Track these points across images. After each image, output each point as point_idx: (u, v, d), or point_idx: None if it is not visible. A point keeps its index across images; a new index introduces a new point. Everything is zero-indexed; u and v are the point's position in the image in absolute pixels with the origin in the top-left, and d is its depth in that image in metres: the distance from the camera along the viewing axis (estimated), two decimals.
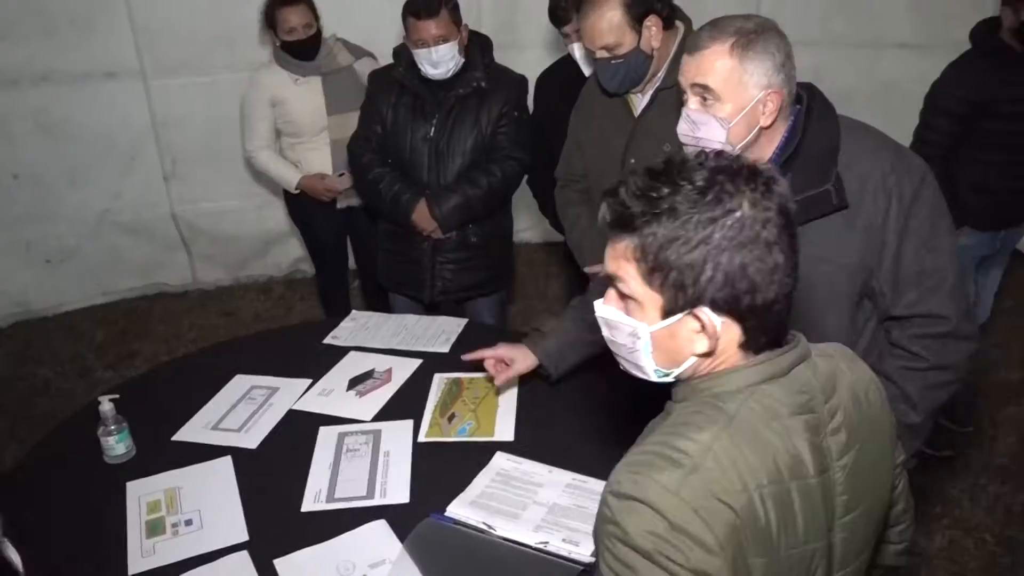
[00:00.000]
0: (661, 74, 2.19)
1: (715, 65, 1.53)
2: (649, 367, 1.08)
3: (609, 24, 2.09)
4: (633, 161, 2.24)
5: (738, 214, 0.97)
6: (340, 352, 2.41)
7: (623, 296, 1.06)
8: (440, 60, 2.61)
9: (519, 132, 2.75)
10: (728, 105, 1.54)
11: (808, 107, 1.63)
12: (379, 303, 3.31)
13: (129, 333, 4.33)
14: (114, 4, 3.83)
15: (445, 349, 2.41)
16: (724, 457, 0.98)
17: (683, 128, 1.60)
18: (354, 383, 2.26)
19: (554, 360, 2.09)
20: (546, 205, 2.98)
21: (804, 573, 1.05)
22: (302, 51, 3.19)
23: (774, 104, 1.55)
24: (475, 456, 1.94)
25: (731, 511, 0.96)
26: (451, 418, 2.09)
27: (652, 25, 2.12)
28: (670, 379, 1.09)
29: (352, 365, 2.35)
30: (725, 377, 1.04)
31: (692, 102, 1.58)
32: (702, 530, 0.94)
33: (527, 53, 3.97)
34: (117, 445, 1.96)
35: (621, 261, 1.04)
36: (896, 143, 1.66)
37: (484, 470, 1.88)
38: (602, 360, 2.46)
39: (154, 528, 1.76)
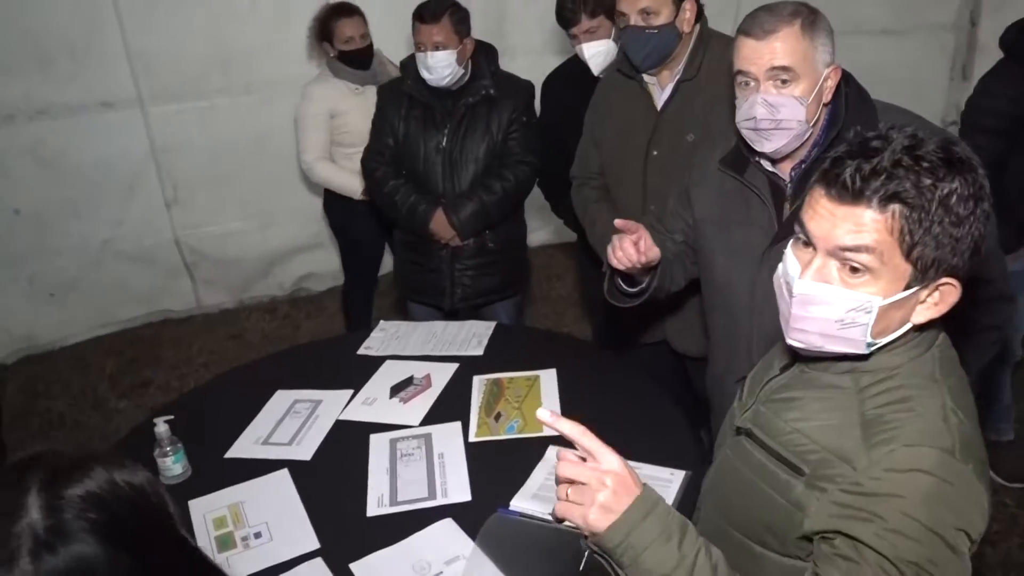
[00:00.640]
0: (681, 65, 2.25)
1: (792, 46, 1.59)
2: (864, 340, 1.10)
3: None
4: (656, 153, 2.30)
5: (978, 185, 1.04)
6: (376, 362, 2.45)
7: (855, 268, 1.07)
8: (434, 66, 2.65)
9: (529, 137, 2.81)
10: (804, 83, 1.60)
11: (845, 91, 1.70)
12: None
13: (138, 361, 4.32)
14: (109, 32, 3.83)
15: (479, 352, 2.45)
16: (961, 414, 1.10)
17: (761, 113, 1.63)
18: (396, 390, 2.30)
19: (666, 267, 1.96)
20: (559, 206, 3.03)
21: None
22: (359, 61, 3.27)
23: (834, 80, 1.63)
24: (527, 451, 1.98)
25: (984, 467, 1.10)
26: (497, 417, 2.13)
27: (689, 8, 2.20)
28: (875, 348, 1.12)
29: (390, 373, 2.39)
30: (911, 346, 1.14)
31: (767, 87, 1.63)
32: (979, 494, 1.06)
33: (519, 59, 4.02)
34: (174, 465, 1.98)
35: (875, 232, 1.04)
36: (926, 121, 1.73)
37: (540, 464, 1.93)
38: (641, 354, 2.53)
39: (224, 543, 1.79)
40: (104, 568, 0.77)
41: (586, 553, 1.14)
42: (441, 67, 2.65)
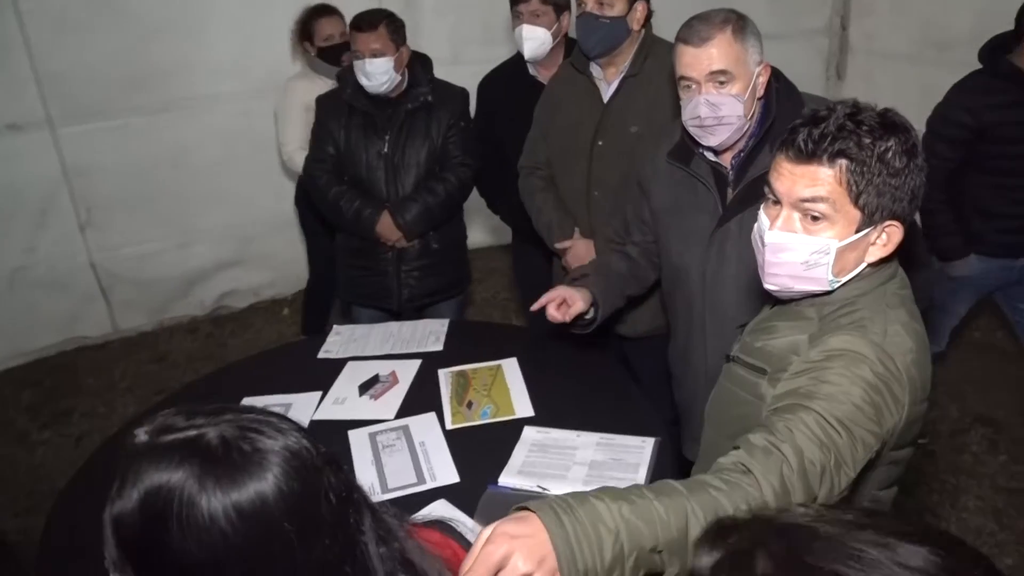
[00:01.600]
0: (627, 62, 2.42)
1: (726, 51, 1.78)
2: (826, 278, 1.32)
3: None
4: (601, 143, 2.46)
5: (911, 144, 1.25)
6: (338, 364, 2.49)
7: (815, 217, 1.28)
8: (372, 72, 2.73)
9: (467, 140, 2.91)
10: (740, 83, 1.79)
11: (775, 85, 1.90)
12: None
13: (57, 390, 4.16)
14: (15, 54, 3.70)
15: (439, 347, 2.54)
16: (894, 327, 1.30)
17: (704, 112, 1.81)
18: (364, 388, 2.35)
19: (600, 297, 2.11)
20: (495, 202, 3.16)
21: (922, 421, 1.38)
22: (339, 57, 3.38)
23: (765, 76, 1.83)
24: (504, 434, 2.09)
25: (906, 365, 1.28)
26: (469, 405, 2.23)
27: (640, 10, 2.38)
28: (836, 286, 1.34)
29: (355, 373, 2.44)
30: (859, 283, 1.34)
31: (708, 88, 1.80)
32: (898, 374, 1.28)
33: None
34: None
35: (826, 184, 1.27)
36: None
37: (519, 444, 2.04)
38: (589, 333, 2.68)
39: None
40: (309, 456, 0.88)
41: None
42: (379, 74, 2.72)
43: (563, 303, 2.05)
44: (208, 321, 4.70)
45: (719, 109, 1.81)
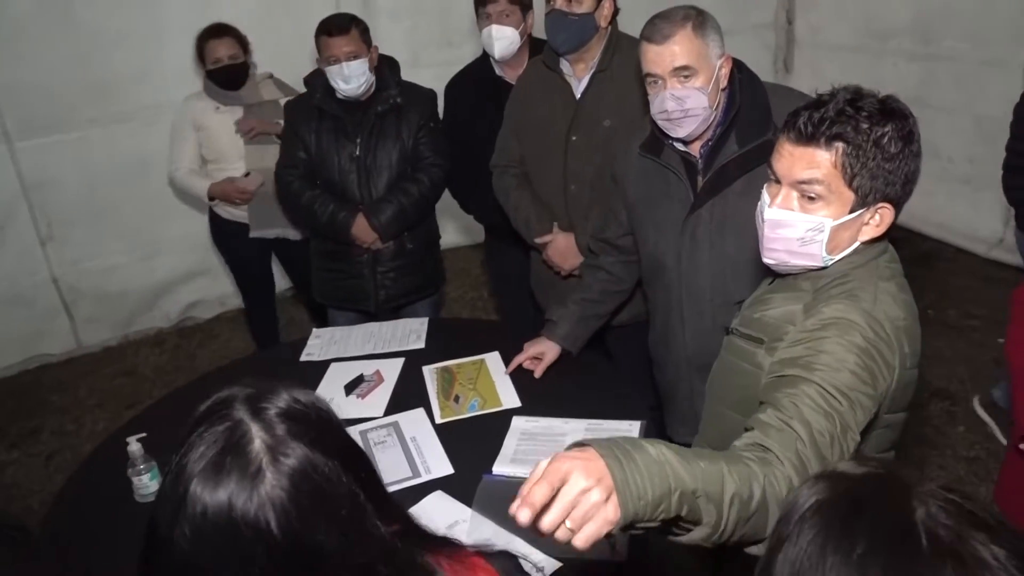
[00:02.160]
0: (596, 58, 2.49)
1: (687, 47, 1.85)
2: (820, 254, 1.40)
3: None
4: (575, 139, 2.52)
5: (908, 131, 1.31)
6: (321, 366, 2.51)
7: (811, 197, 1.36)
8: (352, 75, 2.76)
9: (437, 141, 2.95)
10: (702, 76, 1.87)
11: (738, 76, 1.98)
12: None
13: (22, 410, 4.08)
14: None
15: (421, 345, 2.57)
16: (883, 298, 1.37)
17: (671, 106, 1.89)
18: (350, 388, 2.38)
19: (570, 340, 2.35)
20: (468, 202, 3.20)
21: (914, 387, 1.46)
22: (226, 80, 3.32)
23: (727, 68, 1.91)
24: (494, 425, 2.13)
25: (896, 331, 1.35)
26: (456, 399, 2.27)
27: (607, 7, 2.45)
28: (831, 263, 1.42)
29: (339, 375, 2.46)
30: (852, 258, 1.41)
31: (673, 83, 1.88)
32: (888, 340, 1.34)
33: None
34: (151, 483, 1.98)
35: (824, 166, 1.34)
36: (806, 95, 2.03)
37: (509, 433, 2.08)
38: None
39: None
40: (325, 468, 0.89)
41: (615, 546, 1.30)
42: (358, 75, 2.75)
43: (535, 359, 2.33)
44: (175, 333, 4.65)
45: (684, 102, 1.89)
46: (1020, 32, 4.20)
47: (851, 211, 1.37)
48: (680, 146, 2.02)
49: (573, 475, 1.00)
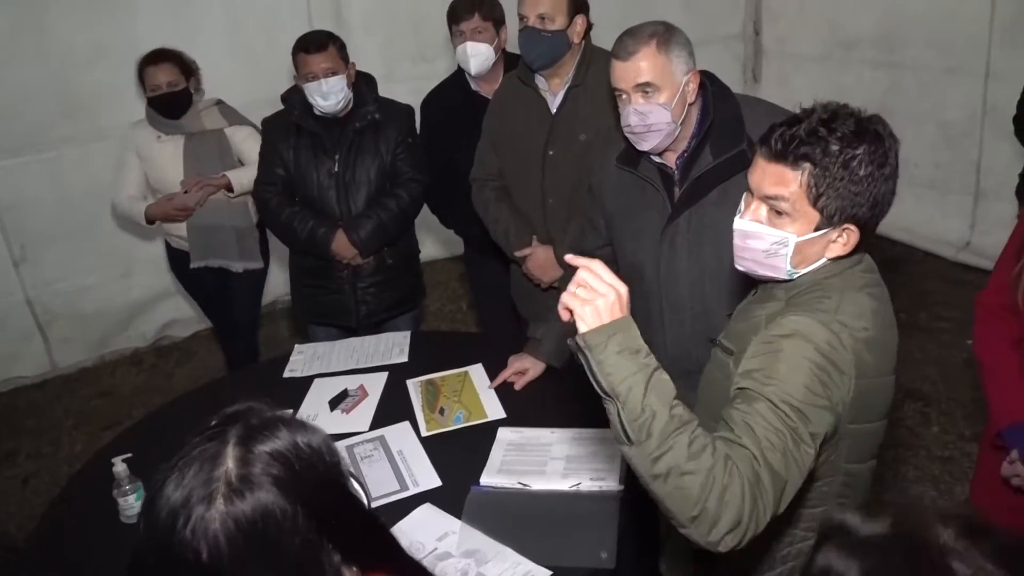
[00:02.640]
0: (571, 73, 2.53)
1: (650, 63, 1.89)
2: (785, 267, 1.43)
3: None
4: (552, 153, 2.56)
5: (882, 154, 1.33)
6: (304, 382, 2.52)
7: (778, 212, 1.38)
8: (330, 91, 2.77)
9: (416, 156, 2.97)
10: (666, 92, 1.91)
11: (711, 89, 2.02)
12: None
13: None
14: None
15: (404, 359, 2.58)
16: (849, 309, 1.38)
17: (634, 120, 1.93)
18: (335, 404, 2.38)
19: (554, 356, 2.37)
20: (447, 216, 3.22)
21: (890, 396, 1.48)
22: (165, 108, 3.20)
23: (695, 83, 1.95)
24: (479, 436, 2.15)
25: (858, 343, 1.36)
26: (441, 412, 2.28)
27: (580, 23, 2.50)
28: (795, 276, 1.44)
29: (323, 390, 2.46)
30: (826, 267, 1.43)
31: (636, 99, 1.92)
32: (841, 351, 1.34)
33: None
34: (136, 504, 1.97)
35: (790, 185, 1.36)
36: (780, 107, 2.08)
37: (495, 445, 2.10)
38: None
39: None
40: (282, 517, 0.88)
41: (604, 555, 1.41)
42: (336, 91, 2.77)
43: (518, 373, 2.37)
44: (151, 352, 4.62)
45: (647, 117, 1.93)
46: (981, 40, 4.32)
47: (816, 229, 1.39)
48: (656, 158, 2.06)
49: (613, 293, 1.25)
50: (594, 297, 1.24)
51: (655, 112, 1.91)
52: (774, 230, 1.41)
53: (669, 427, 1.21)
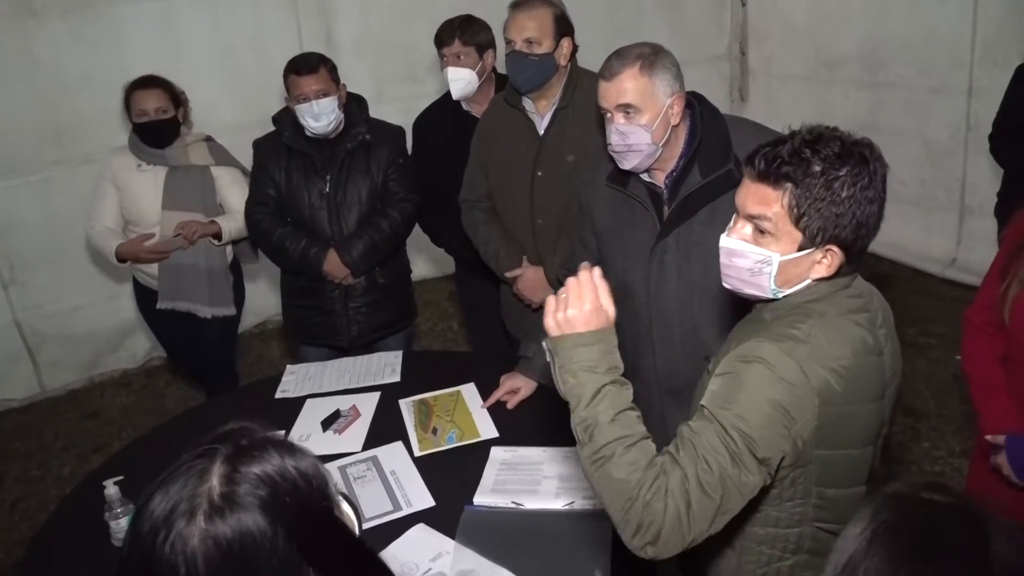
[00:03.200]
0: (558, 95, 2.56)
1: (632, 85, 1.92)
2: (768, 286, 1.43)
3: (539, 22, 2.48)
4: (540, 174, 2.58)
5: (869, 178, 1.34)
6: (296, 403, 2.51)
7: (762, 231, 1.39)
8: (321, 112, 2.79)
9: (407, 177, 2.99)
10: (647, 114, 1.93)
11: (699, 110, 2.05)
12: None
13: None
14: None
15: (396, 378, 2.59)
16: (821, 337, 1.38)
17: (615, 140, 1.96)
18: (327, 424, 2.38)
19: (547, 375, 2.31)
20: (438, 235, 3.23)
21: (875, 422, 1.48)
22: (152, 136, 3.09)
23: (679, 106, 1.97)
24: (472, 456, 2.15)
25: (826, 371, 1.36)
26: (434, 431, 2.28)
27: (566, 46, 2.53)
28: (780, 296, 1.45)
29: (315, 411, 2.46)
30: (812, 289, 1.43)
31: (618, 118, 1.95)
32: (802, 380, 1.35)
33: None
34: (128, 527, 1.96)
35: (772, 205, 1.37)
36: (767, 128, 2.10)
37: (488, 464, 2.10)
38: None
39: None
40: (264, 541, 0.87)
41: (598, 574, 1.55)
42: (328, 112, 2.79)
43: (510, 392, 2.38)
44: (141, 373, 4.59)
45: (627, 138, 1.96)
46: (962, 59, 4.39)
47: (799, 249, 1.40)
48: (645, 176, 2.08)
49: (589, 304, 1.36)
50: (574, 305, 1.34)
51: (636, 133, 1.94)
52: (758, 248, 1.42)
53: (608, 436, 1.32)
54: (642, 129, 1.94)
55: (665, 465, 1.32)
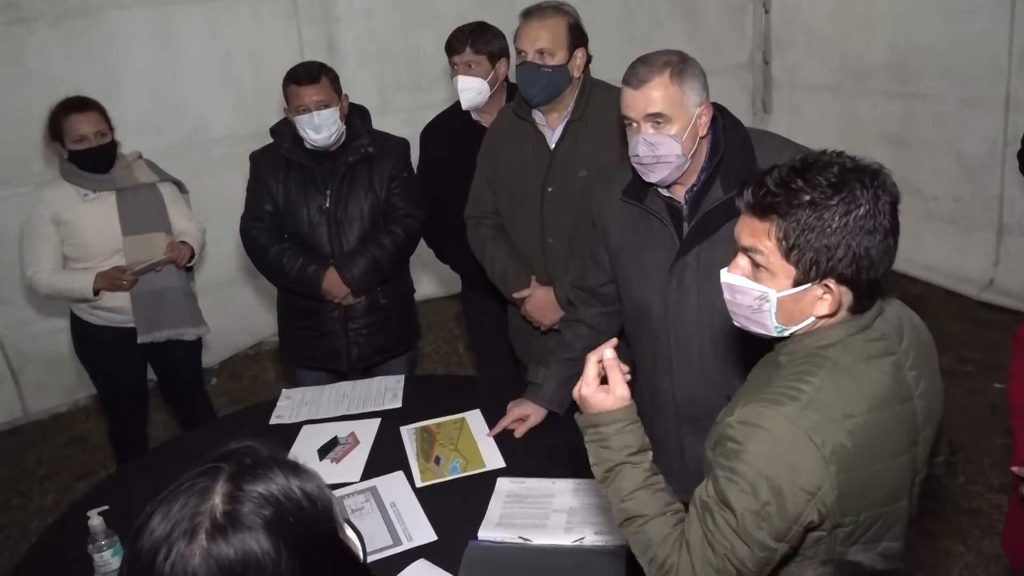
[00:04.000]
0: (570, 107, 2.56)
1: (663, 94, 1.92)
2: (771, 324, 1.41)
3: (553, 32, 2.48)
4: (551, 190, 2.58)
5: (866, 207, 1.30)
6: (292, 429, 2.51)
7: (757, 265, 1.38)
8: (322, 124, 2.80)
9: (412, 191, 3.00)
10: (677, 124, 1.94)
11: (722, 122, 2.05)
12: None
13: None
14: None
15: (398, 404, 2.58)
16: (833, 392, 1.35)
17: (643, 150, 1.96)
18: (324, 452, 2.38)
19: (556, 402, 2.37)
20: (444, 251, 3.24)
21: (906, 475, 1.45)
22: (94, 162, 3.00)
23: (707, 116, 1.98)
24: (477, 487, 2.14)
25: (839, 434, 1.33)
26: (437, 461, 2.27)
27: (580, 56, 2.53)
28: (786, 334, 1.42)
29: (312, 437, 2.46)
30: (826, 332, 1.40)
31: (646, 128, 1.94)
32: (811, 450, 1.31)
33: None
34: (113, 559, 1.95)
35: (762, 238, 1.36)
36: (792, 141, 2.10)
37: (494, 496, 2.09)
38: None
39: None
40: (268, 563, 0.87)
41: None
42: (329, 124, 2.80)
43: (518, 420, 2.38)
44: None
45: (656, 148, 1.96)
46: (999, 69, 4.38)
47: (795, 284, 1.37)
48: (664, 191, 2.08)
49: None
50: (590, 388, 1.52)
51: (665, 143, 1.94)
52: (756, 284, 1.40)
53: (621, 515, 1.49)
54: (672, 139, 1.94)
55: (678, 539, 1.41)
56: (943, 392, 1.55)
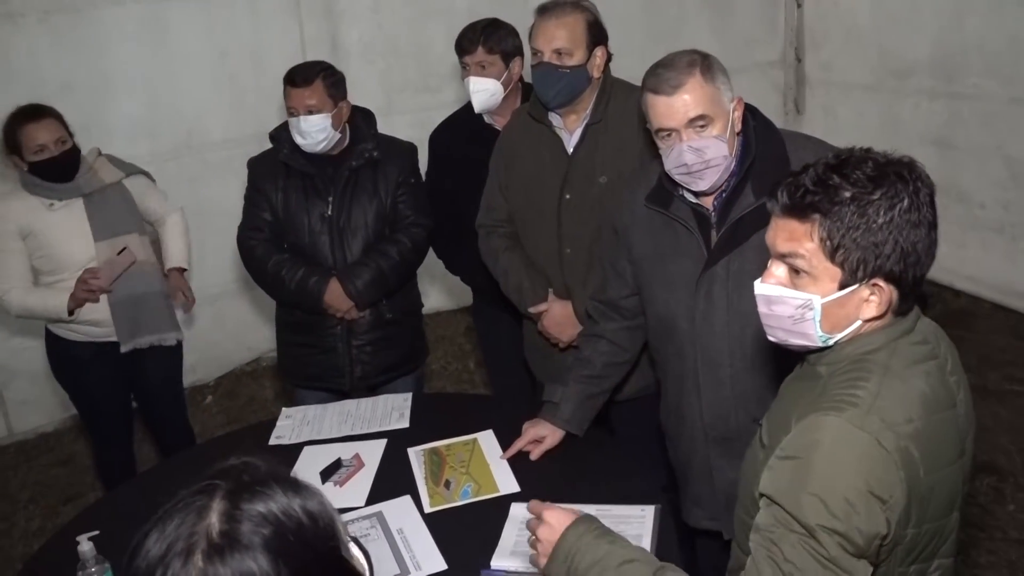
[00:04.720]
0: (589, 110, 2.57)
1: (700, 95, 1.94)
2: (815, 334, 1.42)
3: (570, 31, 2.49)
4: (568, 197, 2.59)
5: (908, 200, 1.33)
6: (293, 450, 2.52)
7: (796, 271, 1.38)
8: (308, 130, 2.80)
9: (419, 198, 3.01)
10: (719, 123, 1.96)
11: (752, 123, 2.06)
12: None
13: None
14: None
15: (405, 424, 2.60)
16: (891, 397, 1.36)
17: (690, 159, 1.96)
18: (327, 475, 2.39)
19: (574, 423, 2.38)
20: (453, 261, 3.26)
21: (958, 486, 1.45)
22: (58, 172, 3.01)
23: (740, 110, 2.00)
24: (490, 513, 2.14)
25: (903, 439, 1.33)
26: (447, 485, 2.28)
27: (600, 55, 2.53)
28: (831, 343, 1.43)
29: (314, 459, 2.47)
30: (869, 338, 1.41)
31: (689, 135, 1.95)
32: (881, 454, 1.32)
33: None
34: None
35: (803, 240, 1.37)
36: (829, 144, 2.11)
37: (508, 522, 2.09)
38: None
39: None
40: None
41: None
42: (315, 131, 2.80)
43: (534, 442, 2.38)
44: None
45: (704, 153, 1.97)
46: None
47: (841, 286, 1.38)
48: (691, 197, 2.09)
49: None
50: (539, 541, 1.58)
51: (712, 146, 1.96)
52: (797, 292, 1.41)
53: None
54: (718, 141, 1.96)
55: None
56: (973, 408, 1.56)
